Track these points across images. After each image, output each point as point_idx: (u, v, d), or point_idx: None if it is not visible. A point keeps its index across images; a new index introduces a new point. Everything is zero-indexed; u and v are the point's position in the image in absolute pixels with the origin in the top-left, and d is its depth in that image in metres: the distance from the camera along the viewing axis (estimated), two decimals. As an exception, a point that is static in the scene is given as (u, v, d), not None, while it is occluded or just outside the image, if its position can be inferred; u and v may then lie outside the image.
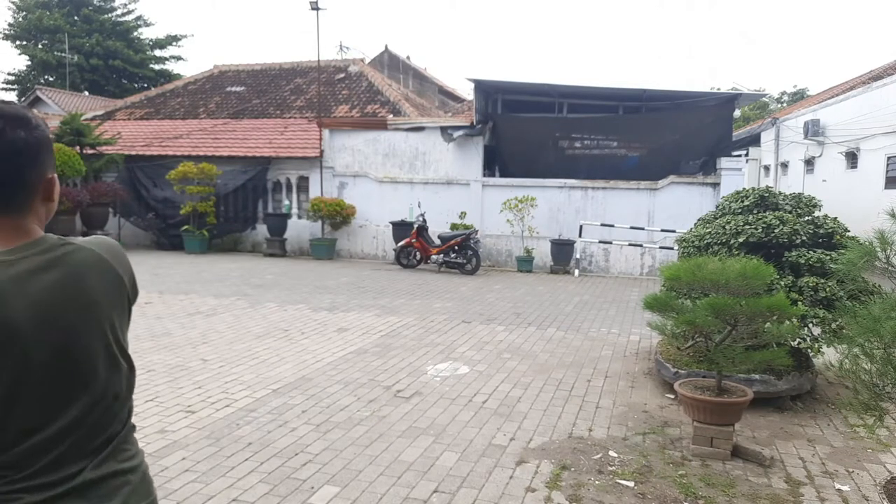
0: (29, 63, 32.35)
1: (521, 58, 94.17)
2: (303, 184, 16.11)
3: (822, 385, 5.79)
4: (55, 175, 1.41)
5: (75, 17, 31.74)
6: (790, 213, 5.86)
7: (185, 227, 15.52)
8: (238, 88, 19.24)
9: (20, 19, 31.70)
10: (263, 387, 5.51)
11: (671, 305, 4.54)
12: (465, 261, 13.09)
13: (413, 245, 13.57)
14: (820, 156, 18.45)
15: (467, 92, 25.62)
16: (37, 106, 25.04)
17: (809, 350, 5.45)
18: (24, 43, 31.95)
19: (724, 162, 13.31)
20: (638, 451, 4.34)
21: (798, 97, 36.26)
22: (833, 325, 5.10)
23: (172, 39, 34.46)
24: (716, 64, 79.98)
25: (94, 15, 32.09)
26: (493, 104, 15.70)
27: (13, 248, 1.28)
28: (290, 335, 7.42)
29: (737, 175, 13.33)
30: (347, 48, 32.14)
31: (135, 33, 33.39)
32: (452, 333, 7.75)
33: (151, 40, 34.14)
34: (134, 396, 1.46)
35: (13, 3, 31.69)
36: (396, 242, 14.21)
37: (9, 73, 32.93)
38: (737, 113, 16.69)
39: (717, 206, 6.89)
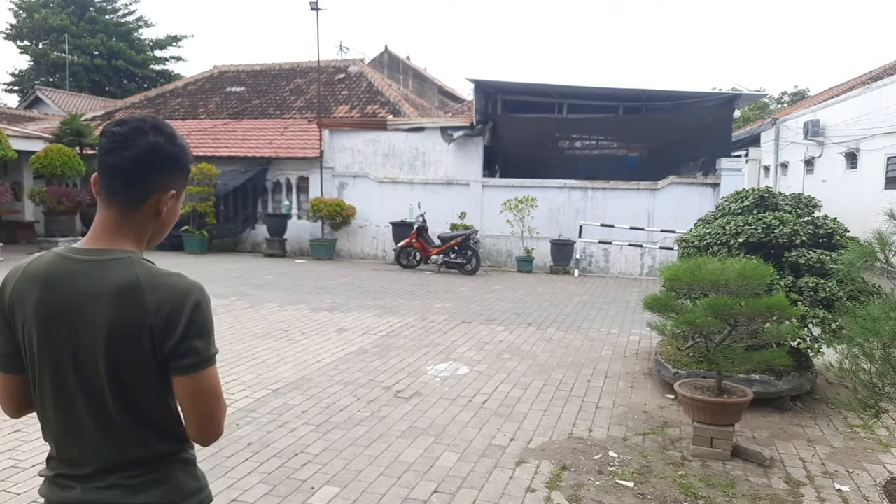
0: (31, 63, 32.37)
1: (521, 58, 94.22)
2: (303, 184, 16.11)
3: (822, 385, 5.79)
4: (174, 194, 1.49)
5: (78, 18, 31.75)
6: (790, 213, 5.86)
7: (185, 227, 15.51)
8: (238, 89, 19.25)
9: (23, 19, 31.70)
10: (263, 387, 5.51)
11: (671, 306, 4.55)
12: (464, 261, 13.09)
13: (413, 245, 13.57)
14: (820, 156, 18.46)
15: (467, 92, 25.65)
16: (37, 106, 25.06)
17: (809, 350, 5.45)
18: (27, 44, 31.97)
19: (723, 162, 13.31)
20: (638, 451, 4.34)
21: (798, 97, 36.26)
22: (833, 326, 5.09)
23: (172, 40, 34.49)
24: (716, 64, 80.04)
25: (97, 15, 32.13)
26: (493, 104, 15.70)
27: (90, 249, 1.42)
28: (289, 335, 7.42)
29: (737, 175, 13.34)
30: (347, 48, 32.18)
31: (135, 34, 33.43)
32: (452, 334, 7.75)
33: (152, 41, 34.17)
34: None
35: (14, 2, 31.70)
36: (396, 243, 14.21)
37: (11, 74, 32.96)
38: (737, 113, 16.67)
39: (716, 207, 6.89)
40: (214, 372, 1.43)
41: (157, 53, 34.57)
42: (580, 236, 13.78)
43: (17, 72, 33.02)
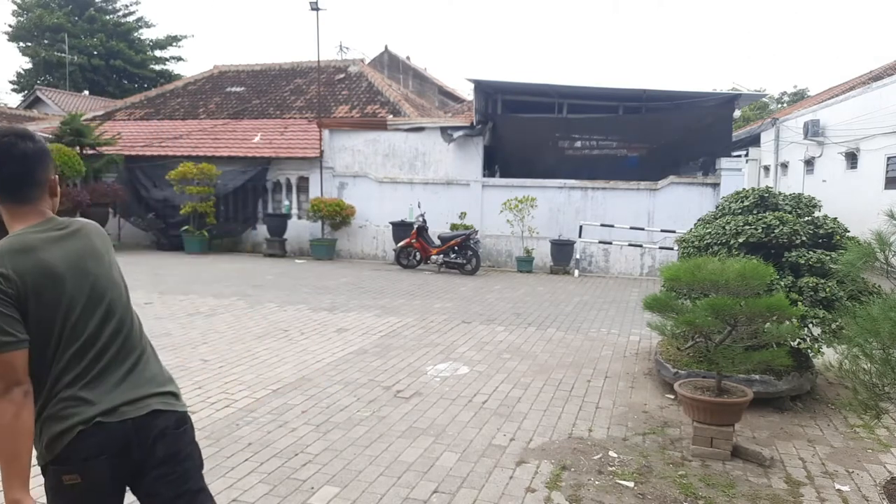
0: (30, 64, 32.37)
1: (521, 58, 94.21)
2: (303, 184, 16.11)
3: (821, 385, 5.79)
4: (56, 176, 1.98)
5: (77, 18, 31.75)
6: (790, 213, 5.86)
7: (185, 227, 15.52)
8: (238, 89, 19.25)
9: (22, 20, 31.70)
10: (263, 387, 5.51)
11: (671, 306, 4.54)
12: (464, 261, 13.09)
13: (413, 245, 13.57)
14: (820, 156, 18.46)
15: (467, 92, 25.66)
16: (37, 106, 25.06)
17: (809, 350, 5.45)
18: (28, 44, 31.95)
19: (723, 162, 13.31)
20: (638, 451, 4.34)
21: (798, 97, 36.26)
22: (833, 326, 5.09)
23: (172, 40, 34.49)
24: (716, 64, 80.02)
25: (96, 15, 32.12)
26: (493, 104, 15.71)
27: (39, 223, 1.85)
28: (289, 335, 7.42)
29: (737, 175, 13.34)
30: (347, 48, 32.22)
31: (135, 34, 33.42)
32: (452, 334, 7.75)
33: (152, 41, 34.17)
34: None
35: (16, 3, 31.70)
36: (396, 243, 14.21)
37: (10, 81, 32.96)
38: (737, 113, 16.68)
39: (716, 207, 6.89)
40: None
41: (157, 53, 34.58)
42: (580, 236, 13.78)
43: (21, 71, 33.02)
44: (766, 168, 23.19)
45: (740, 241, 5.65)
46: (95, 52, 31.42)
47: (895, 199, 6.66)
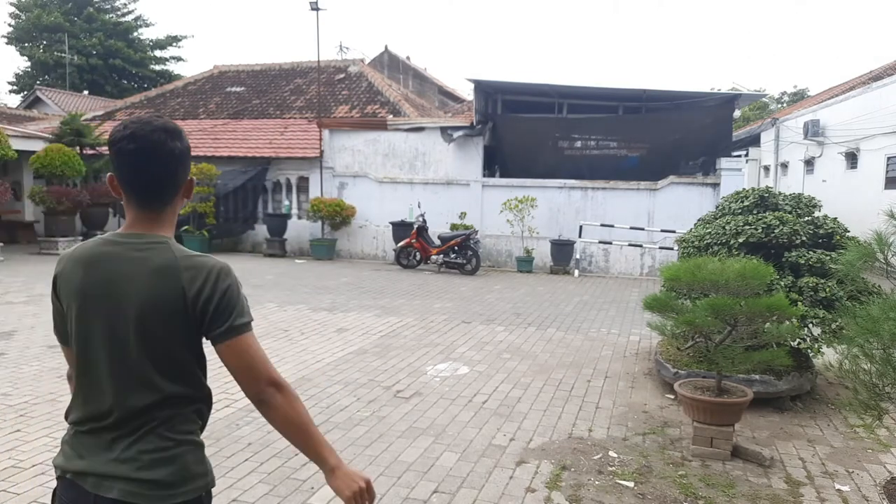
0: (29, 65, 32.36)
1: (521, 58, 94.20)
2: (303, 184, 16.11)
3: (821, 385, 5.79)
4: (193, 178, 1.76)
5: (75, 18, 31.74)
6: (790, 213, 5.86)
7: (185, 227, 15.51)
8: (238, 89, 19.25)
9: (21, 21, 31.69)
10: (263, 387, 5.50)
11: (671, 306, 4.55)
12: (464, 261, 13.09)
13: (413, 245, 13.57)
14: (820, 156, 18.45)
15: (467, 92, 25.65)
16: (37, 106, 25.05)
17: (809, 350, 5.45)
18: (26, 45, 31.94)
19: (723, 162, 13.31)
20: (638, 451, 4.34)
21: (798, 97, 36.25)
22: (833, 326, 5.09)
23: (172, 40, 34.47)
24: (716, 64, 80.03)
25: (95, 14, 32.10)
26: (493, 104, 15.71)
27: (130, 234, 1.61)
28: (289, 335, 7.42)
29: (737, 175, 13.34)
30: (347, 48, 32.21)
31: (134, 33, 33.40)
32: (452, 334, 7.75)
33: (151, 41, 34.15)
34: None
35: (14, 3, 31.69)
36: (396, 243, 14.21)
37: (9, 82, 32.97)
38: (737, 113, 16.68)
39: (716, 207, 6.89)
40: (250, 340, 1.59)
41: (157, 53, 34.56)
42: (580, 236, 13.77)
43: (19, 71, 33.01)
44: (766, 168, 23.19)
45: (740, 241, 5.65)
46: (94, 52, 31.39)
47: (895, 199, 6.65)
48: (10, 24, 31.96)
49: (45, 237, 14.96)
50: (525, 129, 15.09)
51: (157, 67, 34.32)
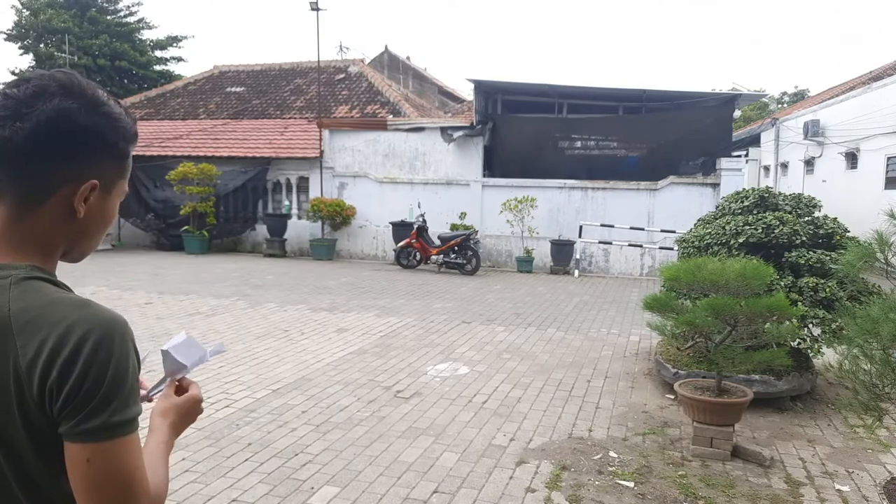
0: (32, 63, 32.33)
1: (521, 58, 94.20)
2: (303, 184, 16.11)
3: (821, 386, 5.79)
4: (95, 185, 1.04)
5: (80, 19, 31.76)
6: (790, 213, 5.86)
7: (185, 227, 15.52)
8: (238, 89, 19.24)
9: (25, 20, 31.67)
10: (263, 387, 5.51)
11: (671, 306, 4.55)
12: (464, 261, 13.09)
13: (413, 245, 13.57)
14: (820, 156, 18.46)
15: (467, 92, 25.64)
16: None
17: (809, 351, 5.45)
18: (28, 42, 31.93)
19: (723, 162, 13.31)
20: (638, 451, 4.34)
21: (798, 98, 36.26)
22: (833, 326, 5.09)
23: (173, 40, 34.48)
24: (716, 64, 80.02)
25: (99, 16, 32.14)
26: (492, 104, 15.70)
27: None
28: (290, 335, 7.42)
29: (737, 175, 13.34)
30: (347, 48, 32.22)
31: (137, 35, 33.42)
32: (452, 334, 7.75)
33: (152, 41, 34.17)
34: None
35: (21, 2, 31.67)
36: (396, 243, 14.20)
37: (12, 73, 32.93)
38: (737, 113, 16.67)
39: (716, 207, 6.89)
40: (122, 449, 0.95)
41: (158, 54, 34.58)
42: (580, 236, 13.77)
43: (16, 71, 32.98)
44: (766, 168, 23.19)
45: (740, 241, 5.65)
46: (99, 53, 31.42)
47: (895, 200, 6.65)
48: (14, 22, 31.93)
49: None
50: (525, 129, 15.09)
51: (159, 68, 34.33)
